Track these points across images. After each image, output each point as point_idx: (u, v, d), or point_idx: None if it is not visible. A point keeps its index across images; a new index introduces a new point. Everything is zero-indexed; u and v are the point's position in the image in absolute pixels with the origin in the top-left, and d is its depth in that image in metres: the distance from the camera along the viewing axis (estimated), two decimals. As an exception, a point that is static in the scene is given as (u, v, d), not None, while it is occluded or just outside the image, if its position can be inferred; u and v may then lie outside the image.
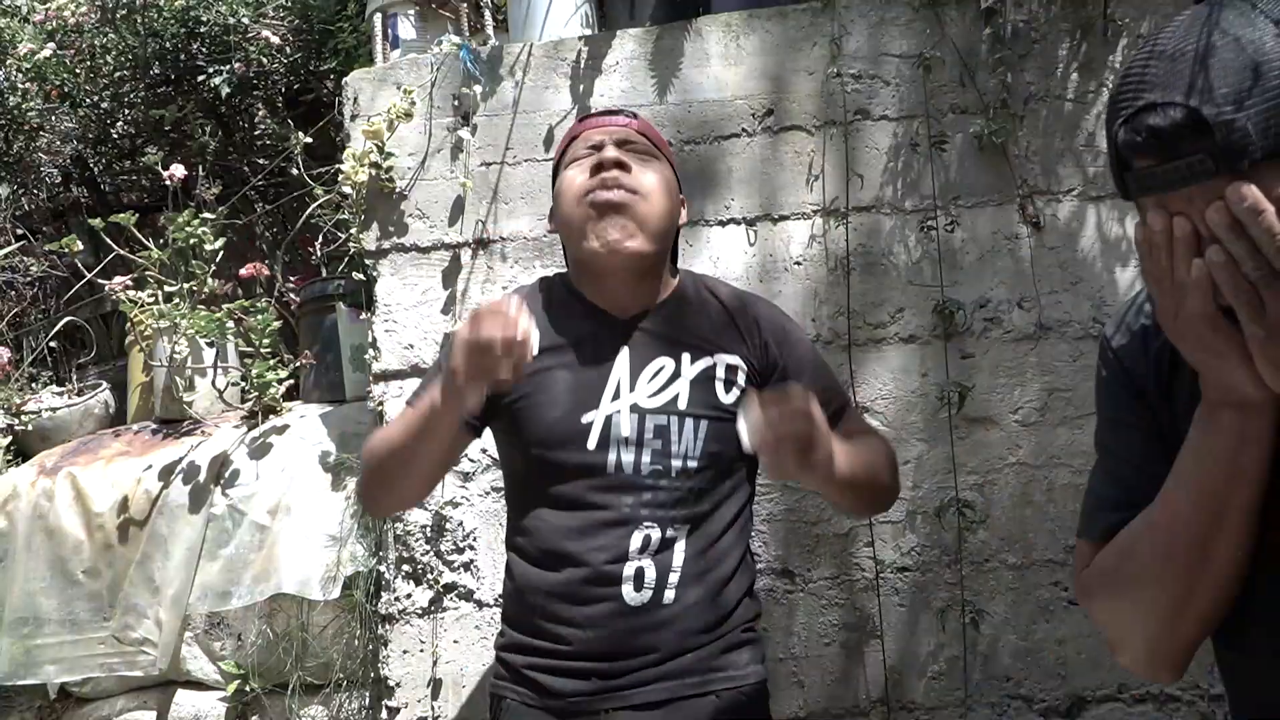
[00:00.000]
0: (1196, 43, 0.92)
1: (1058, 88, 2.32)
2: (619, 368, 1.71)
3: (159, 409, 2.85)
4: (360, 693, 2.46)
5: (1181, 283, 0.92)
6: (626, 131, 1.76)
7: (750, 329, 1.77)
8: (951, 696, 2.26)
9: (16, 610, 2.59)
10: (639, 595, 1.67)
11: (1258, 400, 0.94)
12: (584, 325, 1.73)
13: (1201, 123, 0.89)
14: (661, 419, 1.69)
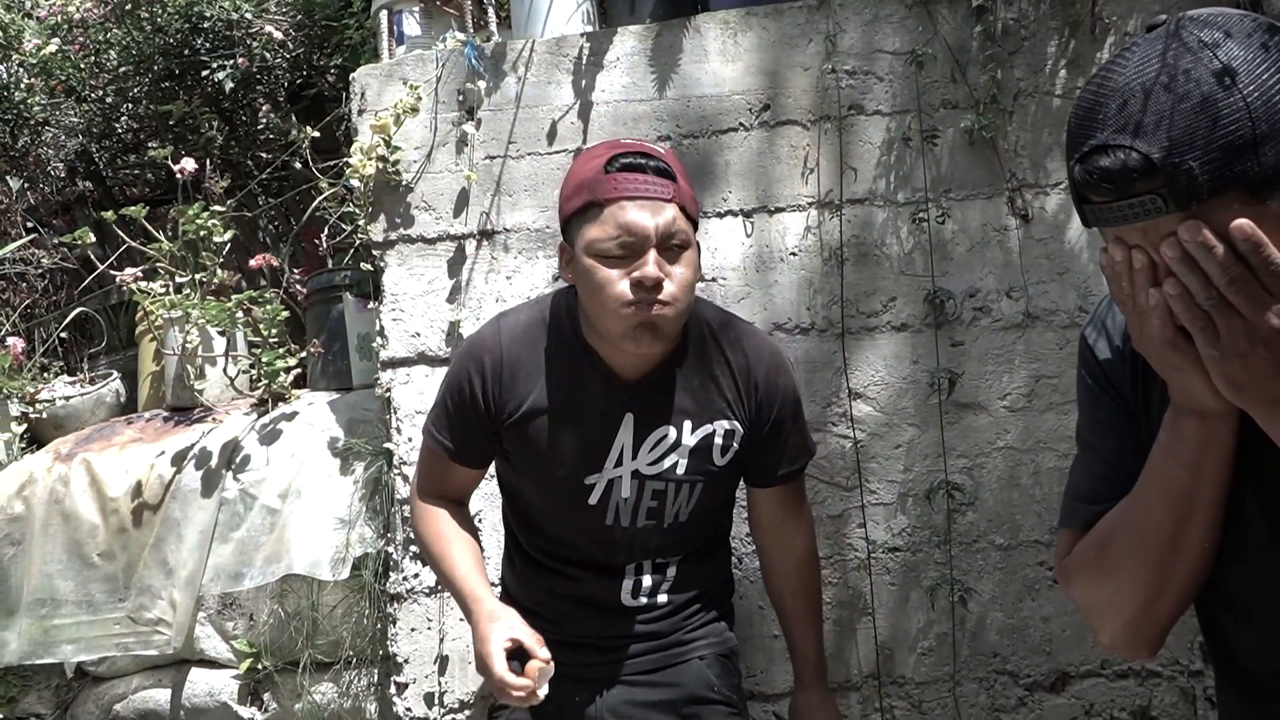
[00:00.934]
0: (1145, 81, 0.96)
1: (1046, 84, 2.39)
2: (623, 434, 1.76)
3: (170, 397, 2.91)
4: (369, 670, 2.54)
5: (1142, 308, 0.98)
6: (669, 221, 1.64)
7: (750, 391, 1.82)
8: (940, 671, 2.34)
9: (34, 592, 2.66)
10: (635, 600, 1.84)
11: (1217, 410, 1.01)
12: (593, 384, 1.76)
13: (1151, 165, 0.94)
14: (659, 485, 1.79)
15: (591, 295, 1.66)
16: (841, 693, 2.35)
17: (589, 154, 1.74)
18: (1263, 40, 0.95)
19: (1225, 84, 0.93)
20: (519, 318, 1.83)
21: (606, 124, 2.45)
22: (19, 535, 2.70)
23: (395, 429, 2.44)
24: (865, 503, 2.36)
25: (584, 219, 1.65)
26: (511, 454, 1.80)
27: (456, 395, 1.77)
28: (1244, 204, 0.94)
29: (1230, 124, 0.93)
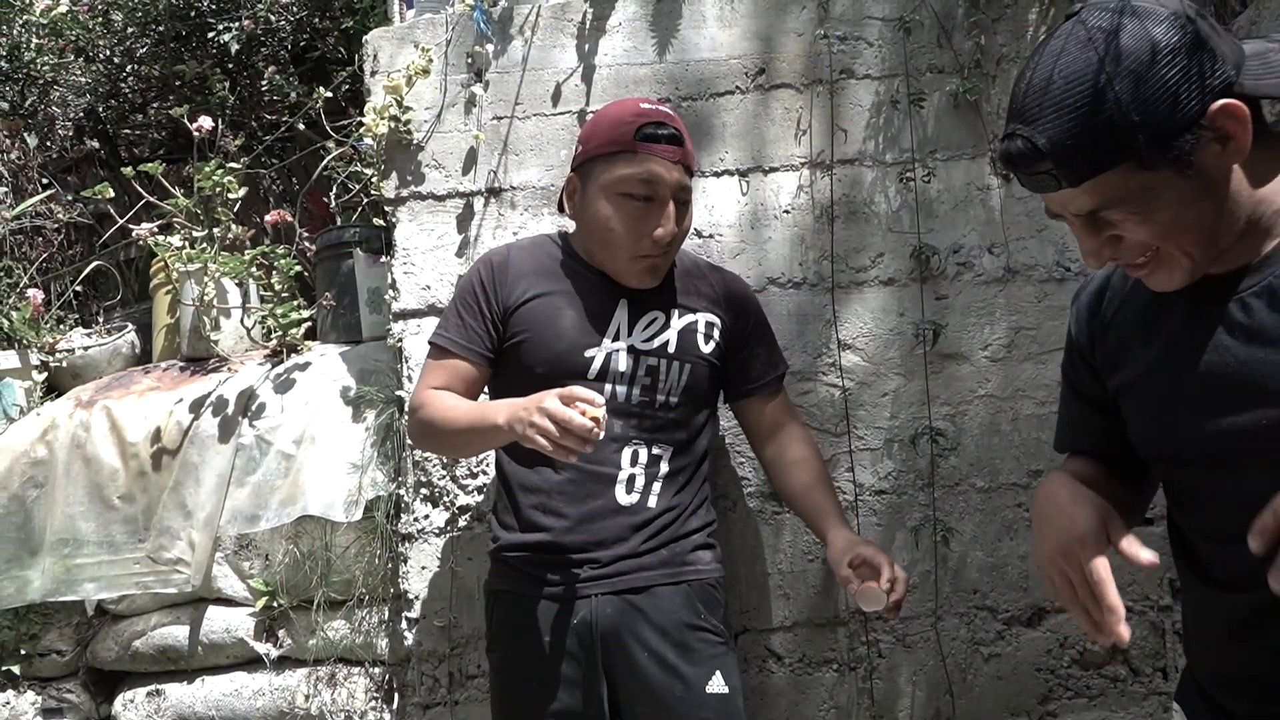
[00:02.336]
0: (1043, 74, 1.15)
1: (1027, 49, 2.49)
2: (619, 314, 2.01)
3: (186, 348, 3.01)
4: (380, 607, 2.65)
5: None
6: (681, 176, 1.98)
7: (727, 296, 2.13)
8: (924, 607, 2.47)
9: (57, 532, 2.75)
10: (629, 497, 2.01)
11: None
12: (590, 278, 2.03)
13: (1039, 151, 1.14)
14: (652, 360, 2.01)
15: (605, 233, 1.95)
16: (829, 628, 2.48)
17: (619, 110, 2.03)
18: (1154, 33, 1.11)
19: (1101, 76, 1.12)
20: (524, 239, 2.19)
21: (609, 86, 2.55)
22: (42, 478, 2.79)
23: (407, 377, 2.55)
24: (853, 448, 2.48)
25: (614, 160, 1.94)
26: (516, 337, 2.00)
27: (467, 293, 2.03)
28: (1136, 172, 1.13)
29: (1108, 112, 1.11)
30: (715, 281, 2.16)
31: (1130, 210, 1.16)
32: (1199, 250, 1.19)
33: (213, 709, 2.70)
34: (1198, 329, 1.24)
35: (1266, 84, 1.15)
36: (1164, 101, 1.11)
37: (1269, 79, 1.15)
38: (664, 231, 1.94)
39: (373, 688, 2.65)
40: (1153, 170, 1.13)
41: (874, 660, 2.45)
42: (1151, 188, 1.15)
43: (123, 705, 2.79)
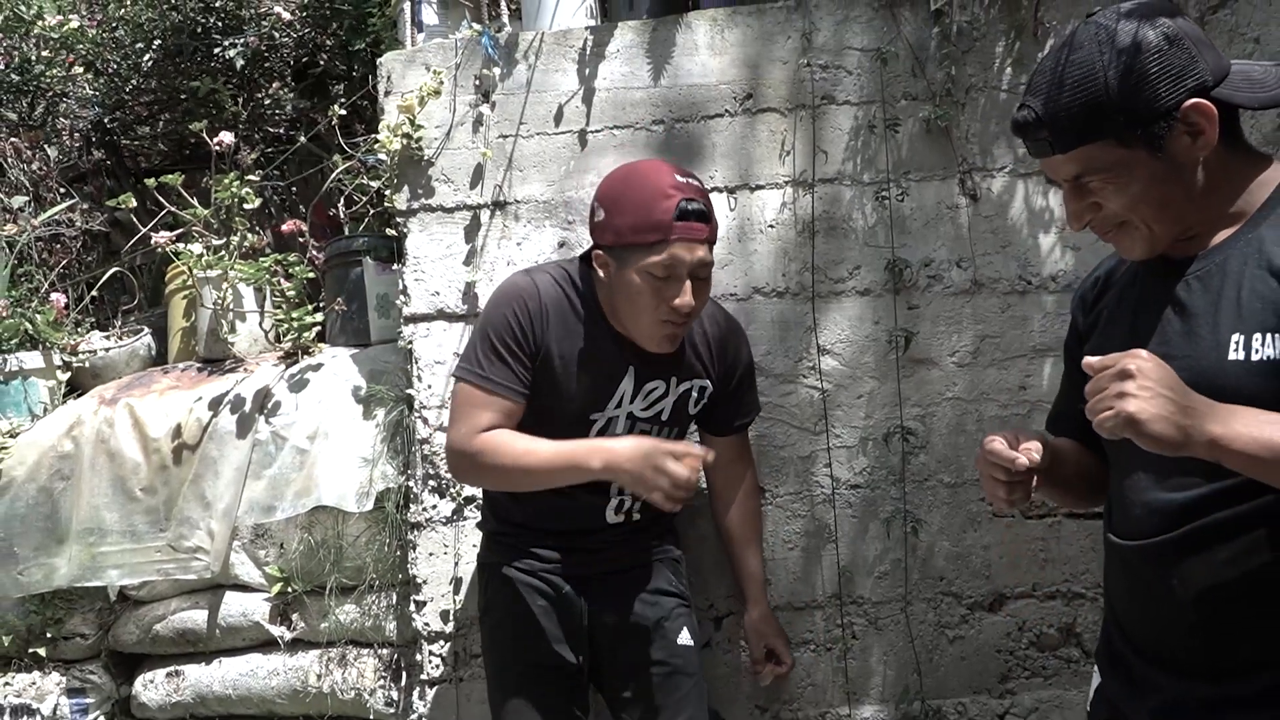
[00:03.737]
0: (1055, 59, 1.41)
1: (994, 79, 2.70)
2: (625, 383, 2.20)
3: (203, 349, 3.18)
4: (389, 593, 2.83)
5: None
6: (704, 254, 2.08)
7: (721, 358, 2.33)
8: (894, 592, 2.68)
9: (83, 522, 2.92)
10: (617, 516, 2.28)
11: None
12: (607, 345, 2.18)
13: (1038, 119, 1.40)
14: (646, 426, 2.25)
15: (632, 305, 2.09)
16: (807, 611, 2.68)
17: (652, 180, 2.08)
18: (1146, 35, 1.35)
19: (1098, 64, 1.36)
20: (548, 275, 2.21)
21: (607, 108, 2.74)
22: (68, 471, 2.96)
23: (416, 377, 2.73)
24: (830, 445, 2.68)
25: (640, 249, 2.03)
26: (532, 391, 2.15)
27: (505, 333, 2.11)
28: (1115, 148, 1.38)
29: (1094, 94, 1.36)
30: (713, 339, 2.31)
31: (1107, 179, 1.40)
32: (1160, 226, 1.43)
33: (229, 688, 2.88)
34: (1154, 305, 1.47)
35: (1241, 96, 1.39)
36: (1144, 90, 1.35)
37: (1245, 93, 1.39)
38: (682, 302, 2.05)
39: (381, 667, 2.83)
40: (1129, 148, 1.38)
41: (848, 641, 2.66)
42: (1126, 163, 1.38)
43: (143, 685, 2.97)
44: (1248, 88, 1.39)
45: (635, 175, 2.13)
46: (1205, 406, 1.26)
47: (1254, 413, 1.26)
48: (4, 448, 2.98)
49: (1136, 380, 1.24)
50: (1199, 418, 1.24)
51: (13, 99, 4.15)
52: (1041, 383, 2.64)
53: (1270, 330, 1.32)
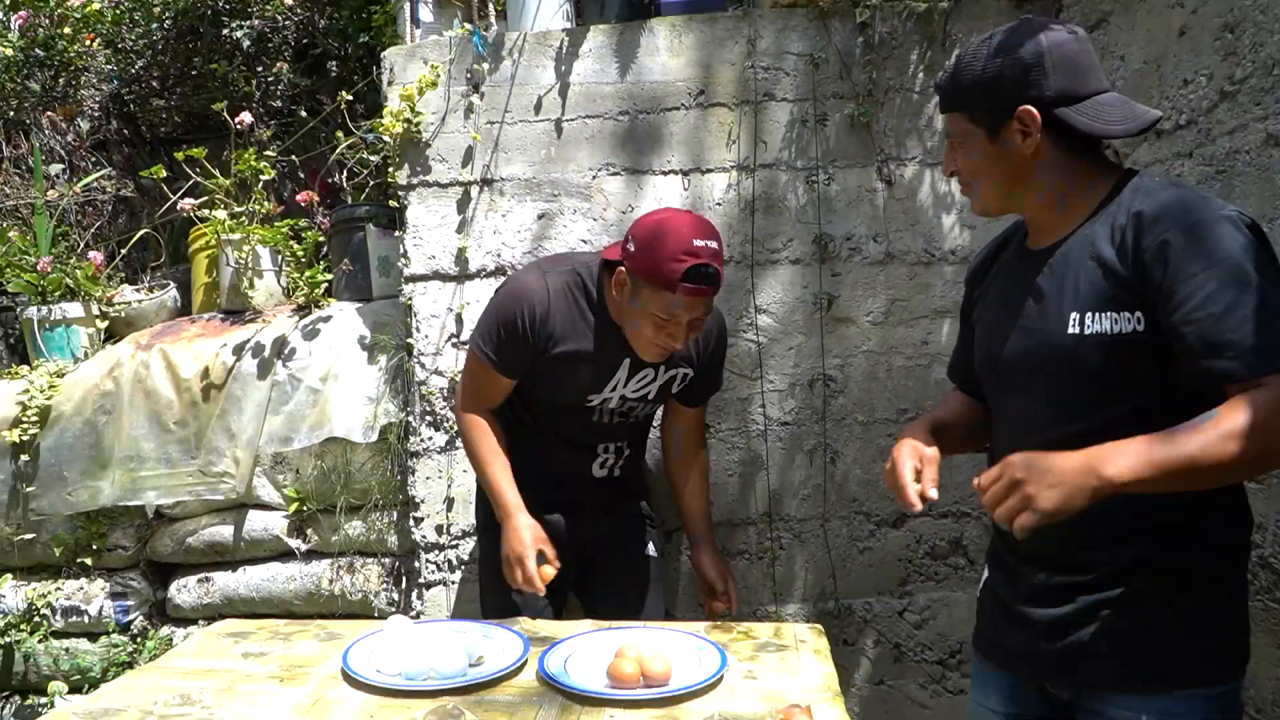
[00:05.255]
0: (975, 42, 1.76)
1: (909, 82, 3.16)
2: (621, 372, 2.60)
3: (225, 302, 3.64)
4: (390, 511, 3.32)
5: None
6: (705, 311, 2.40)
7: (704, 350, 2.71)
8: (815, 512, 3.19)
9: (123, 450, 3.37)
10: (601, 471, 2.74)
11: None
12: (610, 342, 2.54)
13: (939, 83, 1.80)
14: (634, 403, 2.68)
15: (631, 321, 2.44)
16: (743, 526, 3.20)
17: (676, 237, 2.30)
18: (1019, 44, 1.65)
19: (981, 54, 1.71)
20: (560, 279, 2.54)
21: (580, 101, 3.19)
22: (110, 406, 3.41)
23: (415, 328, 3.20)
24: (764, 389, 3.18)
25: (651, 289, 2.32)
26: (537, 373, 2.57)
27: (509, 325, 2.51)
28: (967, 122, 1.74)
29: (968, 76, 1.72)
30: (702, 341, 2.65)
31: (960, 143, 1.76)
32: (990, 196, 1.78)
33: (253, 592, 3.37)
34: (1021, 289, 1.80)
35: (1079, 120, 1.65)
36: (995, 86, 1.66)
37: (1085, 118, 1.65)
38: (674, 344, 2.40)
39: (384, 573, 3.32)
40: (976, 125, 1.71)
41: (776, 552, 3.18)
42: (972, 136, 1.73)
43: (177, 589, 3.44)
44: (1093, 114, 1.64)
45: (667, 226, 2.34)
46: (1084, 465, 1.46)
47: (1119, 447, 1.47)
48: (53, 386, 3.42)
49: (1028, 484, 1.45)
50: (1088, 476, 1.45)
51: (39, 73, 4.53)
52: (940, 338, 3.14)
53: (1097, 310, 1.60)
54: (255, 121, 3.73)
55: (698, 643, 2.03)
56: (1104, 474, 1.44)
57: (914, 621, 3.21)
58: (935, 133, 3.16)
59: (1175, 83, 2.41)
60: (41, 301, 3.61)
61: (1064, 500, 1.44)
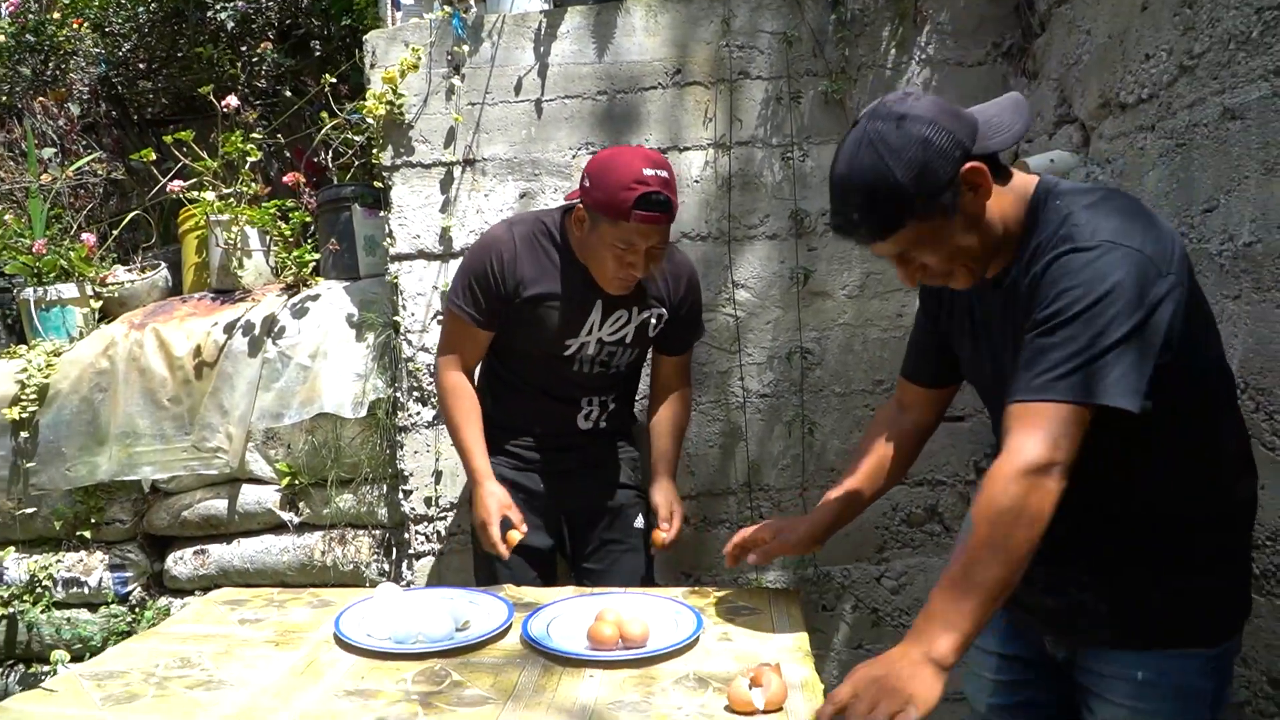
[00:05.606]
0: (845, 170, 1.65)
1: (881, 59, 3.23)
2: (594, 314, 2.67)
3: (215, 282, 3.71)
4: (380, 484, 3.41)
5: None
6: (661, 238, 2.49)
7: (676, 291, 2.78)
8: (794, 481, 3.29)
9: (119, 426, 3.45)
10: (586, 423, 2.80)
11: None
12: (578, 283, 2.62)
13: (855, 224, 1.67)
14: (613, 348, 2.74)
15: (596, 260, 2.54)
16: (723, 496, 3.30)
17: (625, 168, 2.41)
18: (909, 130, 1.60)
19: (882, 168, 1.60)
20: (526, 227, 2.66)
21: (559, 81, 3.26)
22: (105, 384, 3.49)
23: (401, 306, 3.29)
24: (743, 362, 3.27)
25: (607, 220, 2.43)
26: (513, 322, 2.65)
27: (479, 276, 2.61)
28: (920, 224, 1.63)
29: (889, 191, 1.60)
30: (670, 275, 2.73)
31: (923, 248, 1.67)
32: (975, 264, 1.72)
33: (247, 563, 3.46)
34: (984, 310, 1.87)
35: (994, 142, 1.66)
36: (926, 175, 1.59)
37: (995, 137, 1.66)
38: (634, 273, 2.50)
39: (375, 545, 3.42)
40: (932, 219, 1.63)
41: (755, 520, 3.27)
42: (934, 231, 1.64)
43: (173, 561, 3.54)
44: (993, 132, 1.66)
45: (616, 159, 2.47)
46: (915, 658, 1.51)
47: (928, 621, 1.54)
48: (51, 365, 3.50)
49: (886, 699, 1.48)
50: (924, 664, 1.50)
51: (29, 57, 4.58)
52: (913, 312, 3.21)
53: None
54: (241, 104, 3.77)
55: (675, 607, 2.13)
56: (935, 655, 1.51)
57: (891, 587, 3.32)
58: (907, 109, 3.23)
59: (1138, 57, 2.47)
60: (37, 283, 3.67)
61: (925, 696, 1.49)
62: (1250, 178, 1.99)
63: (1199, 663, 1.71)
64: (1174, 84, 2.31)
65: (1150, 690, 1.71)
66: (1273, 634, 1.97)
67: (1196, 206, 2.19)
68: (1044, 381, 1.52)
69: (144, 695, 1.75)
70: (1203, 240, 2.16)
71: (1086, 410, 1.51)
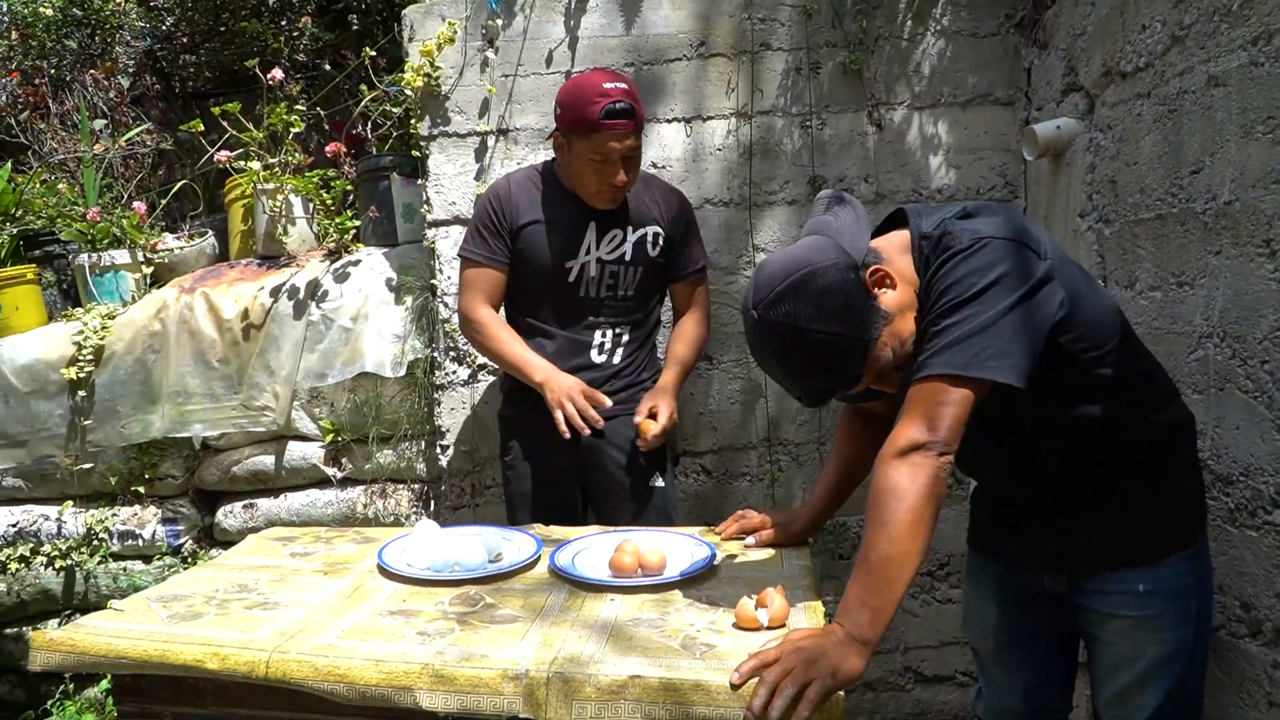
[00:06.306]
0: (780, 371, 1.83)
1: (897, 31, 3.35)
2: (589, 235, 2.84)
3: (261, 248, 3.88)
4: (418, 440, 3.58)
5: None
6: (632, 145, 2.69)
7: (669, 209, 2.95)
8: (811, 436, 3.43)
9: (171, 386, 3.64)
10: (600, 358, 2.91)
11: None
12: (569, 207, 2.82)
13: (826, 396, 1.88)
14: (614, 267, 2.88)
15: (579, 178, 2.74)
16: (745, 451, 3.45)
17: (586, 89, 2.65)
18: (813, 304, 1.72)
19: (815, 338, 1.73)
20: (521, 173, 2.93)
21: (589, 53, 3.40)
22: (158, 345, 3.67)
23: (438, 270, 3.45)
24: (764, 323, 3.41)
25: (579, 134, 2.67)
26: (519, 258, 2.83)
27: (482, 218, 2.84)
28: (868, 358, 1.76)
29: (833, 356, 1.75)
30: (660, 198, 2.93)
31: (885, 371, 1.80)
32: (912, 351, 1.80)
33: (293, 516, 3.65)
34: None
35: (861, 248, 1.79)
36: (853, 309, 1.73)
37: (859, 244, 1.80)
38: (617, 181, 2.70)
39: (413, 498, 3.59)
40: (876, 345, 1.76)
41: (775, 474, 3.43)
42: (876, 358, 1.77)
43: (223, 515, 3.73)
44: (859, 229, 1.84)
45: (579, 82, 2.73)
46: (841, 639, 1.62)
47: (845, 608, 1.66)
48: (105, 328, 3.69)
49: (804, 668, 1.57)
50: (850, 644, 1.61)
51: (75, 31, 4.77)
52: (928, 273, 3.35)
53: None
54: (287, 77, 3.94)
55: (692, 543, 2.28)
56: (856, 633, 1.62)
57: (905, 537, 3.45)
58: (923, 78, 3.36)
59: (1135, 27, 2.58)
60: (91, 249, 3.87)
61: (849, 667, 1.59)
62: (1231, 141, 2.11)
63: (1184, 564, 1.92)
64: (1167, 53, 2.42)
65: (1150, 598, 1.90)
66: (1244, 563, 2.11)
67: (1185, 169, 2.31)
68: (923, 361, 1.68)
69: (206, 614, 1.92)
70: (1190, 200, 2.28)
71: (969, 386, 1.63)
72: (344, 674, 1.67)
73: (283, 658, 1.70)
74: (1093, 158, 2.82)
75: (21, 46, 4.86)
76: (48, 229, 4.03)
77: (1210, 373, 2.24)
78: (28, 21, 4.85)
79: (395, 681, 1.65)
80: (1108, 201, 2.73)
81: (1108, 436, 1.88)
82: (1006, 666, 2.25)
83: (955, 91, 3.35)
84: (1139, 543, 1.91)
